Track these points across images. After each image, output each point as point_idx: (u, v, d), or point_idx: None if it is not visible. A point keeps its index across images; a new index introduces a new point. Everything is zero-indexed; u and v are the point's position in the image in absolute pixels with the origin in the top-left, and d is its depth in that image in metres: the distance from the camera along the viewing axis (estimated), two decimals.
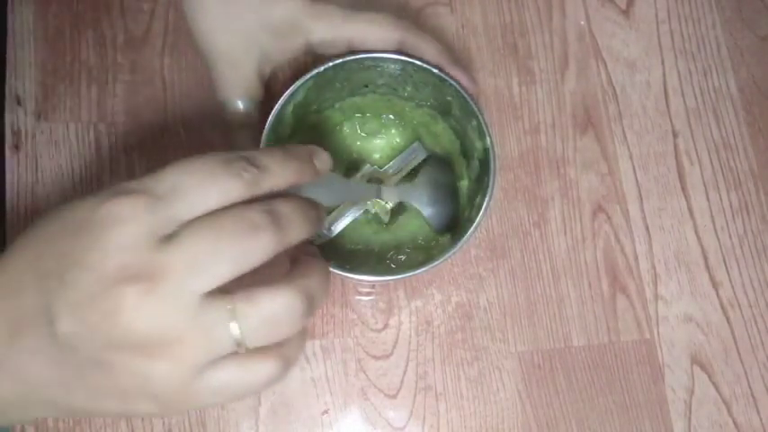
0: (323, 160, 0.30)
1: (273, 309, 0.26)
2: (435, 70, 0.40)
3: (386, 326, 0.47)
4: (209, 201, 0.26)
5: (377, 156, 0.47)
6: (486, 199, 0.40)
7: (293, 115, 0.41)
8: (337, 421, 0.45)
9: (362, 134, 0.47)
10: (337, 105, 0.45)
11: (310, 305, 0.27)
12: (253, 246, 0.25)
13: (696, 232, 0.51)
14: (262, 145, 0.38)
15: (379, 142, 0.47)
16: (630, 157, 0.51)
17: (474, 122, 0.41)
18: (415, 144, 0.46)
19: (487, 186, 0.40)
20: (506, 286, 0.48)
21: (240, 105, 0.40)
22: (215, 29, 0.39)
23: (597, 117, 0.52)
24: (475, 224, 0.39)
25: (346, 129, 0.47)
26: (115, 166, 0.46)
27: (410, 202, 0.43)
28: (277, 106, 0.39)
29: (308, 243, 0.31)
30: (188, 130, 0.48)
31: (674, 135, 0.52)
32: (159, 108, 0.48)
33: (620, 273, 0.49)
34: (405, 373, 0.46)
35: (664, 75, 0.53)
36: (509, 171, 0.50)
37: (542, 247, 0.49)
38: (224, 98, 0.40)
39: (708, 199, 0.51)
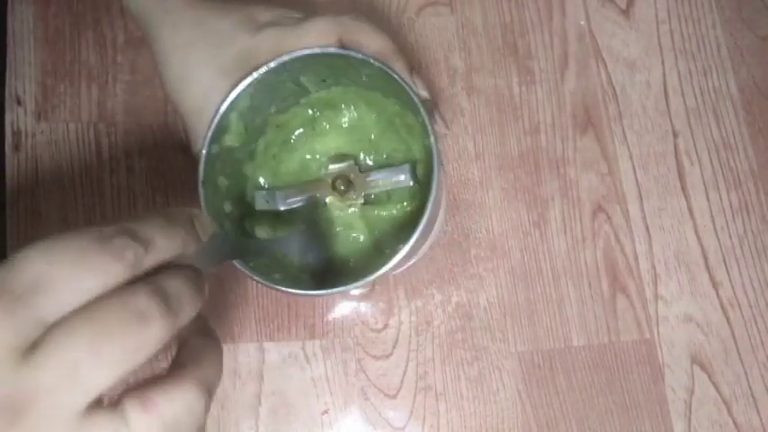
0: (204, 224, 0.27)
1: (173, 412, 0.22)
2: (376, 63, 0.37)
3: (386, 326, 0.47)
4: (81, 292, 0.21)
5: (358, 148, 0.45)
6: (429, 200, 0.36)
7: (242, 122, 0.41)
8: (337, 421, 0.45)
9: (340, 126, 0.45)
10: (303, 101, 0.43)
11: (210, 397, 0.24)
12: (143, 339, 0.21)
13: (696, 232, 0.51)
14: (204, 150, 0.38)
15: (356, 135, 0.45)
16: (630, 157, 0.51)
17: (420, 119, 0.38)
18: (407, 167, 0.42)
19: (430, 187, 0.36)
20: (506, 286, 0.48)
21: (203, 152, 0.40)
22: (179, 87, 0.39)
23: (597, 117, 0.52)
24: (418, 228, 0.35)
25: (323, 123, 0.45)
26: (115, 165, 0.46)
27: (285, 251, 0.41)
28: (216, 117, 0.38)
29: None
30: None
31: (674, 135, 0.52)
32: (159, 108, 0.48)
33: (620, 273, 0.49)
34: (405, 373, 0.46)
35: (664, 75, 0.53)
36: (509, 171, 0.50)
37: (542, 247, 0.49)
38: (196, 151, 0.40)
39: (708, 199, 0.51)
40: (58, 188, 0.46)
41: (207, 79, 0.39)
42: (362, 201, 0.42)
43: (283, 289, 0.36)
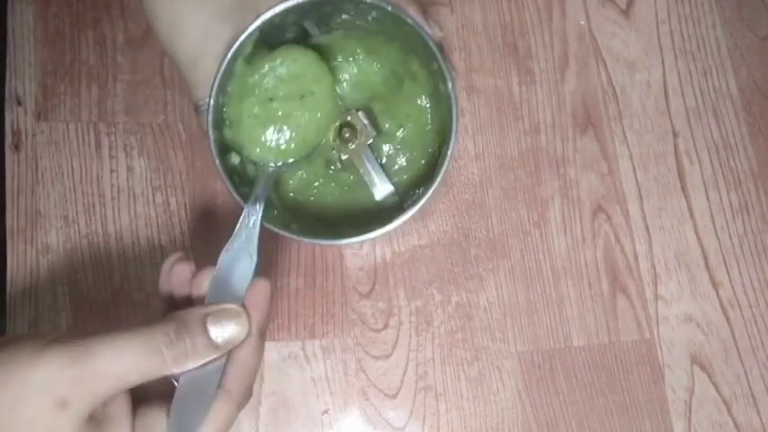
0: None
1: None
2: (389, 7, 0.37)
3: (386, 326, 0.47)
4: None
5: (355, 96, 0.44)
6: (449, 146, 0.37)
7: (245, 70, 0.40)
8: (337, 421, 0.45)
9: (343, 83, 0.45)
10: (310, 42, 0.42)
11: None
12: None
13: (696, 232, 0.51)
14: (212, 100, 0.37)
15: (357, 87, 0.44)
16: (630, 157, 0.51)
17: (434, 65, 0.38)
18: (391, 190, 0.42)
19: (450, 132, 0.37)
20: (506, 286, 0.48)
21: (211, 103, 0.39)
22: (171, 33, 0.39)
23: (597, 117, 0.52)
24: (440, 174, 0.37)
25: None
26: (115, 165, 0.46)
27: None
28: (223, 64, 0.37)
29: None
30: (188, 130, 0.48)
31: (674, 135, 0.52)
32: (159, 108, 0.48)
33: (620, 273, 0.49)
34: (405, 373, 0.46)
35: (664, 75, 0.53)
36: (509, 171, 0.50)
37: (542, 247, 0.49)
38: (194, 100, 0.40)
39: (708, 199, 0.51)
40: (58, 188, 0.46)
41: (202, 24, 0.38)
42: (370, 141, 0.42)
43: (306, 240, 0.37)
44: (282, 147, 0.40)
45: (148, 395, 0.30)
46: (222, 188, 0.47)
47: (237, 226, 0.35)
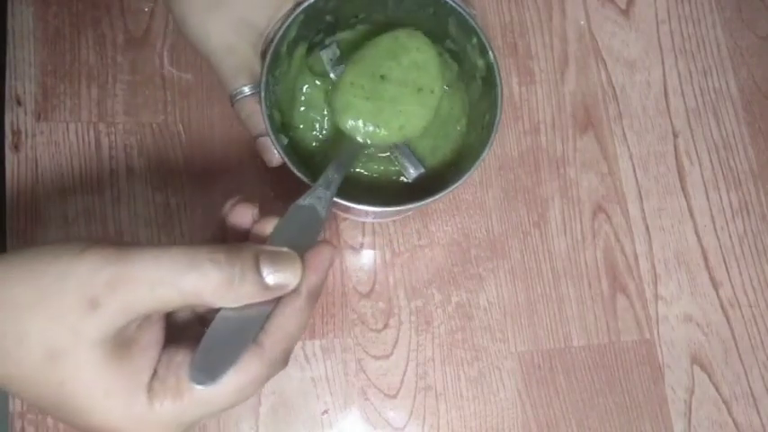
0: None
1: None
2: None
3: (386, 326, 0.47)
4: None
5: None
6: (497, 115, 0.39)
7: (287, 56, 0.40)
8: (337, 421, 0.45)
9: None
10: (327, 42, 0.44)
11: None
12: None
13: (696, 232, 0.51)
14: (264, 79, 0.38)
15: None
16: (630, 157, 0.51)
17: (474, 40, 0.40)
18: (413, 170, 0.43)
19: (495, 100, 0.39)
20: (506, 286, 0.48)
21: (247, 91, 0.39)
22: (204, 20, 0.38)
23: (597, 117, 0.52)
24: (489, 143, 0.39)
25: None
26: (115, 166, 0.46)
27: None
28: (272, 47, 0.38)
29: None
30: (188, 130, 0.48)
31: (674, 135, 0.52)
32: (159, 108, 0.48)
33: (620, 273, 0.49)
34: (405, 373, 0.46)
35: (664, 75, 0.53)
36: (509, 171, 0.50)
37: (542, 247, 0.49)
38: (231, 89, 0.40)
39: (708, 199, 0.51)
40: (58, 188, 0.46)
41: (238, 13, 0.38)
42: None
43: (361, 207, 0.37)
44: (376, 129, 0.40)
45: (183, 337, 0.28)
46: (222, 188, 0.47)
47: (316, 184, 0.34)
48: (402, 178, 0.43)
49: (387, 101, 0.40)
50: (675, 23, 0.54)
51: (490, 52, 0.40)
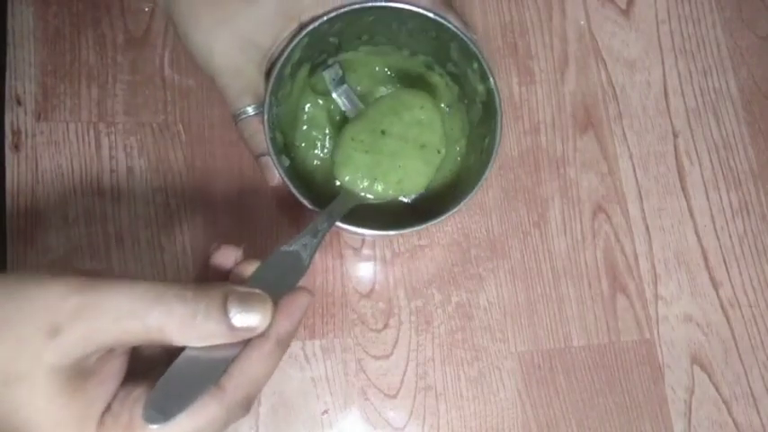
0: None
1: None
2: (431, 14, 0.40)
3: (386, 326, 0.47)
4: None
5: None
6: (496, 141, 0.40)
7: (290, 78, 0.41)
8: (337, 421, 0.45)
9: (359, 89, 0.46)
10: (330, 62, 0.44)
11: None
12: None
13: (696, 232, 0.51)
14: (267, 100, 0.38)
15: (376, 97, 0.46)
16: (630, 157, 0.51)
17: (475, 65, 0.41)
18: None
19: (495, 126, 0.40)
20: (506, 286, 0.48)
21: (251, 111, 0.40)
22: (208, 38, 0.38)
23: (597, 117, 0.52)
24: (490, 164, 0.39)
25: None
26: (115, 166, 0.46)
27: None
28: (276, 69, 0.38)
29: None
30: (188, 130, 0.48)
31: (674, 135, 0.52)
32: (159, 108, 0.48)
33: (620, 273, 0.49)
34: (405, 373, 0.46)
35: (664, 75, 0.53)
36: (509, 171, 0.50)
37: (542, 247, 0.49)
38: (234, 109, 0.40)
39: (708, 199, 0.51)
40: (58, 188, 0.46)
41: (243, 32, 0.38)
42: None
43: (358, 230, 0.37)
44: (373, 182, 0.40)
45: (149, 375, 0.28)
46: (222, 188, 0.47)
47: (305, 229, 0.34)
48: (401, 198, 0.44)
49: (386, 155, 0.40)
50: (675, 23, 0.54)
51: (491, 78, 0.40)
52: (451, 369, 0.46)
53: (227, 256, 0.32)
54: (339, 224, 0.37)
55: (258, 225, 0.47)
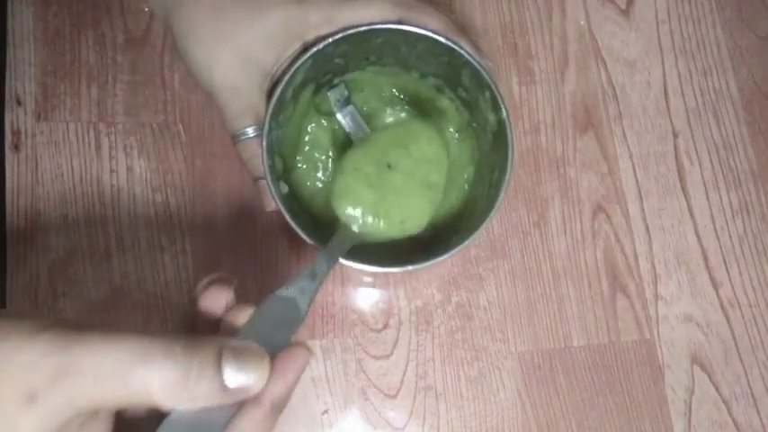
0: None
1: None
2: (442, 39, 0.38)
3: (386, 326, 0.47)
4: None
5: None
6: (506, 175, 0.38)
7: (292, 100, 0.40)
8: (337, 421, 0.45)
9: (365, 110, 0.44)
10: (336, 81, 0.43)
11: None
12: None
13: (696, 232, 0.51)
14: (266, 126, 0.36)
15: (383, 120, 0.45)
16: (630, 157, 0.51)
17: (487, 94, 0.39)
18: None
19: (505, 160, 0.38)
20: (506, 286, 0.48)
21: (251, 133, 0.38)
22: (209, 55, 0.36)
23: (597, 117, 0.52)
24: (498, 201, 0.37)
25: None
26: (115, 166, 0.46)
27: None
28: (278, 92, 0.37)
29: None
30: (188, 130, 0.48)
31: (674, 135, 0.52)
32: (159, 108, 0.48)
33: (620, 273, 0.49)
34: (405, 373, 0.46)
35: (664, 75, 0.53)
36: None
37: (542, 247, 0.49)
38: (234, 130, 0.38)
39: (708, 199, 0.51)
40: (58, 188, 0.46)
41: (245, 50, 0.36)
42: None
43: (379, 269, 0.36)
44: (375, 219, 0.38)
45: None
46: (222, 188, 0.47)
47: (299, 274, 0.31)
48: None
49: (390, 191, 0.38)
50: (675, 23, 0.54)
51: (503, 109, 0.38)
52: (451, 369, 0.46)
53: (217, 299, 0.29)
54: (342, 261, 0.35)
55: (259, 225, 0.47)
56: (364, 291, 0.47)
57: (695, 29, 0.54)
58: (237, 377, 0.24)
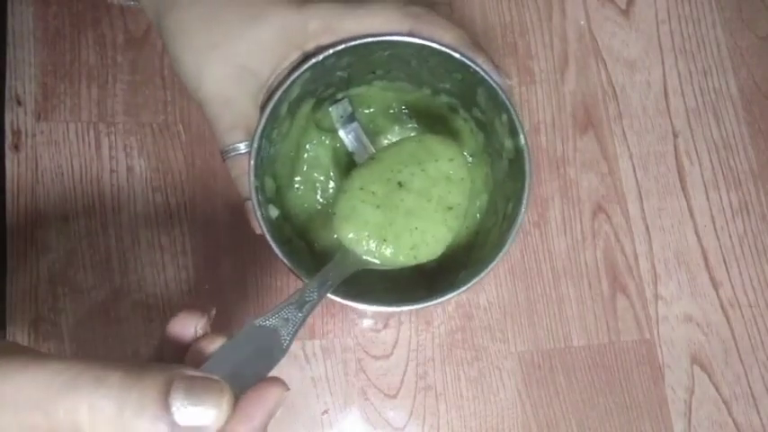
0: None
1: None
2: (457, 54, 0.34)
3: (386, 326, 0.47)
4: None
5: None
6: (521, 209, 0.34)
7: (289, 115, 0.37)
8: (337, 421, 0.45)
9: (370, 127, 0.41)
10: (340, 96, 0.40)
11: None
12: None
13: (696, 232, 0.51)
14: (255, 144, 0.33)
15: (391, 140, 0.41)
16: (630, 157, 0.51)
17: (504, 117, 0.35)
18: None
19: (522, 191, 0.34)
20: (506, 286, 0.48)
21: (242, 148, 0.34)
22: (200, 62, 0.33)
23: (597, 117, 0.52)
24: (510, 238, 0.34)
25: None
26: (115, 166, 0.46)
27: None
28: (269, 108, 0.33)
29: None
30: (188, 130, 0.48)
31: (674, 135, 0.52)
32: (159, 108, 0.48)
33: (620, 273, 0.49)
34: (405, 373, 0.46)
35: (664, 75, 0.53)
36: None
37: (542, 247, 0.49)
38: (223, 144, 0.34)
39: (708, 199, 0.51)
40: (58, 188, 0.46)
41: (239, 58, 0.33)
42: None
43: (373, 308, 0.33)
44: (381, 245, 0.33)
45: None
46: (222, 188, 0.47)
47: (284, 302, 0.27)
48: None
49: (401, 212, 0.33)
50: (675, 23, 0.54)
51: (521, 135, 0.34)
52: (451, 369, 0.46)
53: (186, 326, 0.25)
54: (332, 296, 0.31)
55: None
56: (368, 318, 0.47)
57: (695, 29, 0.54)
58: (190, 413, 0.21)
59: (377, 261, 0.33)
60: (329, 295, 0.31)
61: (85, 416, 0.20)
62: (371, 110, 0.41)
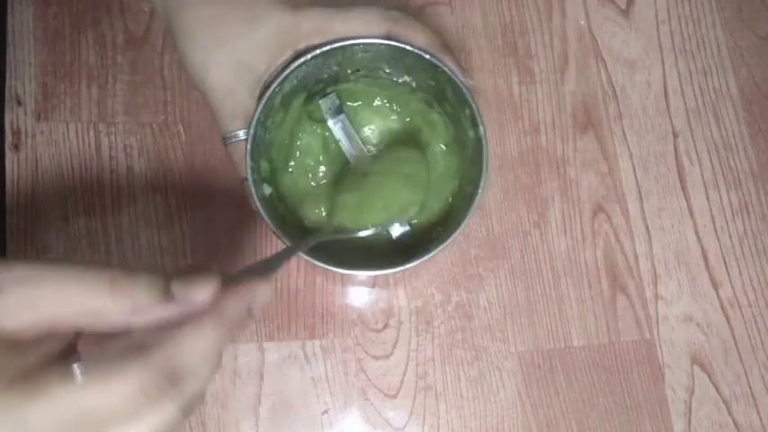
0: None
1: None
2: (426, 55, 0.39)
3: (386, 326, 0.47)
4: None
5: (374, 142, 0.47)
6: (477, 191, 0.39)
7: (282, 107, 0.41)
8: (337, 421, 0.45)
9: (357, 119, 0.46)
10: (329, 90, 0.44)
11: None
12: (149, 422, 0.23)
13: (696, 232, 0.51)
14: (252, 131, 0.38)
15: (374, 130, 0.47)
16: (630, 157, 0.51)
17: (467, 111, 0.40)
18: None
19: (479, 177, 0.39)
20: (506, 286, 0.48)
21: (241, 135, 0.39)
22: (205, 58, 0.38)
23: (597, 117, 0.52)
24: (466, 219, 0.38)
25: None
26: (115, 166, 0.46)
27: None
28: (263, 99, 0.38)
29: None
30: (188, 130, 0.48)
31: (674, 135, 0.52)
32: (159, 108, 0.48)
33: (620, 273, 0.49)
34: (405, 373, 0.46)
35: (664, 75, 0.53)
36: (509, 171, 0.50)
37: (542, 247, 0.49)
38: (225, 131, 0.39)
39: (708, 199, 0.51)
40: (58, 188, 0.46)
41: (239, 54, 0.38)
42: None
43: (343, 270, 0.37)
44: (360, 214, 0.41)
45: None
46: (222, 188, 0.47)
47: (270, 257, 0.32)
48: (391, 231, 0.44)
49: (368, 190, 0.42)
50: (675, 23, 0.54)
51: (480, 127, 0.39)
52: (451, 369, 0.46)
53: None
54: (319, 263, 0.37)
55: (259, 226, 0.47)
56: (364, 291, 0.47)
57: (695, 29, 0.54)
58: (183, 287, 0.25)
59: (362, 226, 0.41)
60: (315, 262, 0.37)
61: (111, 296, 0.25)
62: (358, 103, 0.46)
